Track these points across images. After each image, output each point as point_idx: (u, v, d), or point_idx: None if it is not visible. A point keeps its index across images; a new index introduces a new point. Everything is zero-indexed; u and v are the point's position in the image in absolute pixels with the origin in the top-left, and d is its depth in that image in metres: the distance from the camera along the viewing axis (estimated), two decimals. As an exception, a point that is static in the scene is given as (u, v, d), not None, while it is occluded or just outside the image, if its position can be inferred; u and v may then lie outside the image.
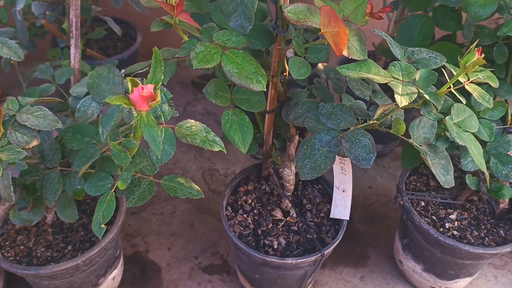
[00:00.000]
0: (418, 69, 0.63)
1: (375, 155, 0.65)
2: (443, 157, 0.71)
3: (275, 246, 0.88)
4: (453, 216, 0.95)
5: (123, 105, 0.54)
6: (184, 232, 1.15)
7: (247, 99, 0.74)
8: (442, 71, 0.65)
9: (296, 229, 0.92)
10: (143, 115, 0.56)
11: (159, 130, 0.56)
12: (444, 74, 0.65)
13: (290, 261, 0.82)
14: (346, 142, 0.67)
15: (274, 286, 0.94)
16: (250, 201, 0.96)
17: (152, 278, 1.05)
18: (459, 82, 0.63)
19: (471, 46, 0.61)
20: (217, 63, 0.61)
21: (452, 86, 0.63)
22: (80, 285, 0.88)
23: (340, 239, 0.87)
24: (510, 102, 0.87)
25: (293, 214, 0.93)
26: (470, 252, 0.86)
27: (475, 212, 0.97)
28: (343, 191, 0.90)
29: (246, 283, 0.99)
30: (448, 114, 0.68)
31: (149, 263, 1.08)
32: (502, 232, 0.93)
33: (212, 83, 0.72)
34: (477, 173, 0.89)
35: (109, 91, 0.72)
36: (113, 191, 0.70)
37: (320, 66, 0.84)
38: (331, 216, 0.91)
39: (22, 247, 0.87)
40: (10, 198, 0.71)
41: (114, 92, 0.72)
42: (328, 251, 0.85)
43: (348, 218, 0.90)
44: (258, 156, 0.97)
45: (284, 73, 0.77)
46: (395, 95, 0.58)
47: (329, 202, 0.96)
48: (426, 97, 0.60)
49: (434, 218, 0.95)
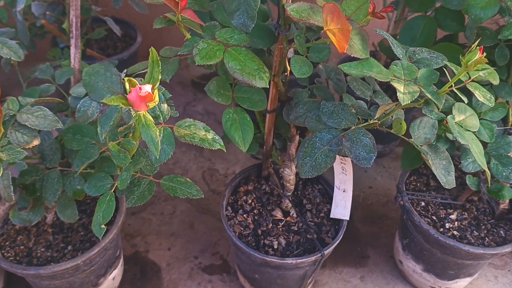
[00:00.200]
0: (419, 68, 0.63)
1: (376, 155, 0.65)
2: (444, 157, 0.72)
3: (275, 246, 0.88)
4: (453, 216, 0.95)
5: (121, 105, 0.54)
6: (184, 232, 1.15)
7: (249, 98, 0.74)
8: (444, 71, 0.65)
9: (296, 229, 0.92)
10: (141, 116, 0.55)
11: (158, 130, 0.56)
12: (446, 73, 0.65)
13: (290, 261, 0.82)
14: (347, 141, 0.67)
15: (274, 286, 0.94)
16: (250, 201, 0.96)
17: (152, 278, 1.05)
18: (461, 82, 0.63)
19: (473, 45, 0.61)
20: (219, 60, 0.61)
21: (453, 85, 0.63)
22: (80, 285, 0.88)
23: (340, 239, 0.87)
24: (511, 103, 0.87)
25: (293, 214, 0.93)
26: (470, 252, 0.86)
27: (475, 212, 0.97)
28: (344, 191, 0.90)
29: (246, 283, 0.99)
30: (449, 113, 0.68)
31: (149, 263, 1.08)
32: (502, 232, 0.93)
33: (214, 81, 0.72)
34: (477, 173, 0.89)
35: (106, 90, 0.72)
36: (112, 191, 0.70)
37: (320, 66, 0.84)
38: (331, 216, 0.91)
39: (22, 247, 0.87)
40: (10, 198, 0.71)
41: (112, 91, 0.71)
42: (328, 251, 0.84)
43: (348, 218, 0.90)
44: (258, 156, 0.97)
45: (285, 72, 0.77)
46: (397, 94, 0.58)
47: (329, 202, 0.96)
48: (428, 95, 0.60)
49: (434, 218, 0.95)
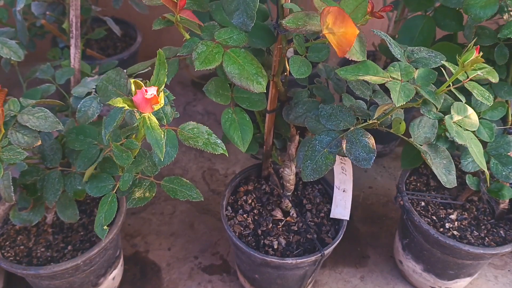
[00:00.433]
0: (418, 68, 0.63)
1: (375, 155, 0.65)
2: (445, 157, 0.71)
3: (275, 246, 0.88)
4: (453, 216, 0.95)
5: (127, 107, 0.54)
6: (184, 232, 1.15)
7: (248, 98, 0.74)
8: (443, 71, 0.65)
9: (296, 229, 0.92)
10: (146, 118, 0.55)
11: (162, 132, 0.56)
12: (445, 73, 0.65)
13: (290, 261, 0.82)
14: (346, 142, 0.67)
15: (274, 286, 0.94)
16: (250, 201, 0.96)
17: (152, 278, 1.05)
18: (459, 81, 0.63)
19: (469, 45, 0.61)
20: (219, 63, 0.60)
21: (451, 85, 0.63)
22: (80, 285, 0.88)
23: (340, 239, 0.87)
24: (510, 102, 0.87)
25: (293, 214, 0.93)
26: (470, 252, 0.86)
27: (475, 212, 0.97)
28: (344, 191, 0.90)
29: (246, 283, 0.99)
30: (448, 113, 0.68)
31: (149, 263, 1.08)
32: (502, 232, 0.93)
33: (212, 82, 0.72)
34: (477, 173, 0.89)
35: (114, 93, 0.72)
36: (114, 192, 0.70)
37: (320, 65, 0.84)
38: (331, 216, 0.91)
39: (22, 247, 0.87)
40: (10, 198, 0.71)
41: (119, 93, 0.72)
42: (328, 251, 0.85)
43: (348, 218, 0.90)
44: (258, 156, 0.97)
45: (284, 72, 0.77)
46: (392, 95, 0.58)
47: (329, 202, 0.96)
48: (425, 96, 0.60)
49: (434, 218, 0.95)
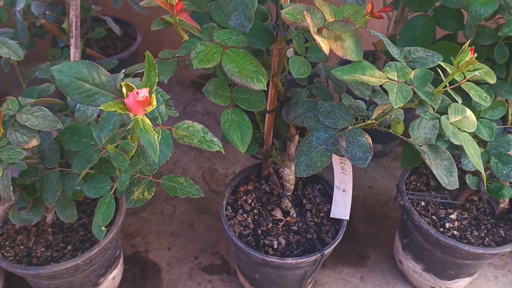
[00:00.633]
0: (415, 68, 0.63)
1: (372, 155, 0.65)
2: (446, 158, 0.71)
3: (275, 246, 0.88)
4: (453, 216, 0.95)
5: (118, 110, 0.53)
6: (184, 232, 1.15)
7: (247, 99, 0.74)
8: (439, 71, 0.65)
9: (296, 229, 0.92)
10: (139, 120, 0.55)
11: (156, 134, 0.56)
12: (440, 74, 0.64)
13: (290, 261, 0.82)
14: (343, 141, 0.67)
15: (274, 286, 0.94)
16: (250, 201, 0.96)
17: (152, 278, 1.05)
18: (457, 81, 0.63)
19: (464, 46, 0.61)
20: (217, 63, 0.60)
21: (448, 86, 0.63)
22: (80, 285, 0.88)
23: (340, 239, 0.86)
24: (510, 102, 0.87)
25: (293, 214, 0.93)
26: (470, 252, 0.86)
27: (475, 212, 0.97)
28: (344, 191, 0.90)
29: (246, 283, 0.99)
30: (446, 114, 0.68)
31: (149, 263, 1.08)
32: (502, 232, 0.93)
33: (212, 82, 0.72)
34: (477, 172, 0.89)
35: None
36: (112, 193, 0.70)
37: (320, 65, 0.84)
38: (331, 216, 0.91)
39: (22, 247, 0.87)
40: (10, 198, 0.71)
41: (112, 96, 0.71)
42: (328, 251, 0.84)
43: (348, 218, 0.89)
44: (258, 156, 0.97)
45: (284, 72, 0.77)
46: (390, 96, 0.58)
47: (329, 202, 0.96)
48: (422, 96, 0.60)
49: (434, 218, 0.95)
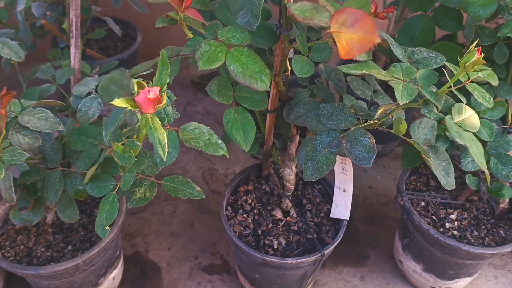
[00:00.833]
0: (418, 69, 0.63)
1: (375, 154, 0.65)
2: (444, 158, 0.71)
3: (275, 246, 0.88)
4: (453, 216, 0.95)
5: (129, 107, 0.54)
6: (184, 232, 1.15)
7: (250, 98, 0.74)
8: (443, 71, 0.65)
9: (296, 229, 0.92)
10: (149, 118, 0.55)
11: (164, 133, 0.56)
12: (445, 73, 0.65)
13: (290, 261, 0.82)
14: (346, 142, 0.67)
15: (274, 286, 0.94)
16: (250, 201, 0.96)
17: (152, 278, 1.05)
18: (460, 82, 0.63)
19: (471, 46, 0.61)
20: (222, 63, 0.60)
21: (452, 86, 0.63)
22: (80, 285, 0.88)
23: (340, 239, 0.87)
24: (510, 102, 0.87)
25: (293, 214, 0.93)
26: (470, 252, 0.86)
27: (475, 212, 0.97)
28: (344, 191, 0.90)
29: (246, 283, 0.99)
30: (448, 114, 0.68)
31: (149, 263, 1.08)
32: (502, 232, 0.93)
33: (215, 81, 0.72)
34: (477, 173, 0.89)
35: (116, 93, 0.72)
36: (115, 192, 0.70)
37: (321, 66, 0.84)
38: (331, 216, 0.91)
39: (22, 247, 0.87)
40: (11, 199, 0.71)
41: (121, 93, 0.72)
42: (328, 251, 0.85)
43: (348, 218, 0.90)
44: (258, 156, 0.97)
45: (286, 72, 0.77)
46: (396, 93, 0.58)
47: (329, 202, 0.96)
48: (427, 96, 0.60)
49: (434, 218, 0.95)
